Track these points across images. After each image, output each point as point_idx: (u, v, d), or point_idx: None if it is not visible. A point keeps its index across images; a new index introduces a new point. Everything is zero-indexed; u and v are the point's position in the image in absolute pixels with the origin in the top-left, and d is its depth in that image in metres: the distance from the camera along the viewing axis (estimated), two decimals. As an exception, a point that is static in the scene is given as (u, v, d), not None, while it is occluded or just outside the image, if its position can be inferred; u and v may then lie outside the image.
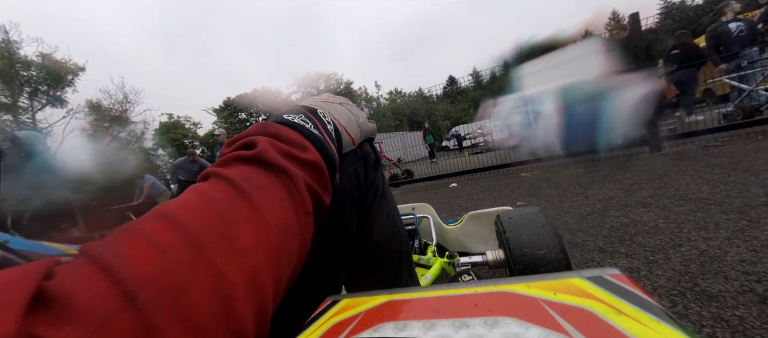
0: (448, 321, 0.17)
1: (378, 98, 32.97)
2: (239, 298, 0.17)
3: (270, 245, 0.21)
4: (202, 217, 0.19)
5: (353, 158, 0.37)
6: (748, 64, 3.00)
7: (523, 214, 0.60)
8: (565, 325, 0.15)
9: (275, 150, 0.25)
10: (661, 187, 1.54)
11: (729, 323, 0.59)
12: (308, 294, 0.34)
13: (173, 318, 0.15)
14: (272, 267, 0.21)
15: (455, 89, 23.21)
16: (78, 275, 0.14)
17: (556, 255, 0.51)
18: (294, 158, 0.25)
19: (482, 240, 0.99)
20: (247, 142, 0.26)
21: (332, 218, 0.34)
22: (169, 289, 0.15)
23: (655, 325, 0.14)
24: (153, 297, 0.14)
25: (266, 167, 0.24)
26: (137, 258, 0.15)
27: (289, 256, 0.23)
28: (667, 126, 2.83)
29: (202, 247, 0.17)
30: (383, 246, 0.42)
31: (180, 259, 0.16)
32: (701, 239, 0.93)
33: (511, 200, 2.00)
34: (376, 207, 0.40)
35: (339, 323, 0.21)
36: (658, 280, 0.78)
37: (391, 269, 0.43)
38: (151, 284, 0.15)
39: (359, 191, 0.38)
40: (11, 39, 13.16)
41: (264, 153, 0.24)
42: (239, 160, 0.24)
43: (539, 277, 0.20)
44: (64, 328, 0.12)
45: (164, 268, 0.16)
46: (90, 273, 0.14)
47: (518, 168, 3.25)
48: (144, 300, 0.14)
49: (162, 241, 0.17)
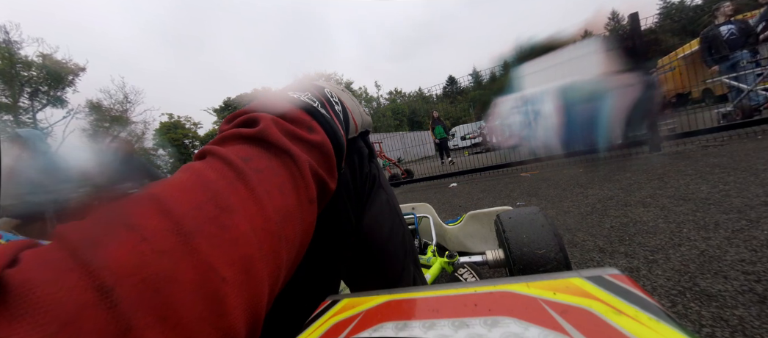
0: (448, 320, 0.17)
1: (378, 98, 32.98)
2: (229, 294, 0.15)
3: (267, 235, 0.19)
4: (193, 200, 0.17)
5: (352, 147, 0.36)
6: (747, 62, 3.02)
7: (523, 214, 0.60)
8: (564, 325, 0.15)
9: (279, 130, 0.22)
10: (660, 187, 1.54)
11: (728, 322, 0.59)
12: (308, 293, 0.33)
13: (153, 316, 0.13)
14: (268, 259, 0.18)
15: (455, 89, 23.20)
16: (45, 262, 0.12)
17: (556, 255, 0.51)
18: (299, 139, 0.23)
19: (482, 240, 1.00)
20: (248, 118, 0.23)
21: (330, 211, 0.32)
22: (149, 283, 0.13)
23: (655, 325, 0.14)
24: (130, 292, 0.13)
25: (268, 148, 0.22)
26: (115, 245, 0.13)
27: (289, 247, 0.21)
28: (666, 126, 2.83)
29: (189, 235, 0.15)
30: (385, 237, 0.40)
31: (163, 248, 0.14)
32: (701, 239, 0.93)
33: (511, 200, 2.00)
34: (373, 198, 0.39)
35: (339, 323, 0.21)
36: (657, 280, 0.78)
37: (397, 261, 0.41)
38: (129, 276, 0.13)
39: (355, 183, 0.37)
40: (12, 39, 13.16)
41: (266, 132, 0.22)
42: (239, 138, 0.22)
43: (539, 277, 0.20)
44: (18, 325, 0.10)
45: (145, 259, 0.14)
46: (59, 261, 0.12)
47: (518, 168, 3.26)
48: (120, 296, 0.12)
49: (144, 226, 0.15)
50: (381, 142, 5.42)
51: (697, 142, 2.60)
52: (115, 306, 0.12)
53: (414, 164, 5.76)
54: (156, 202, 0.16)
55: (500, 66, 4.21)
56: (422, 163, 5.59)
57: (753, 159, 1.70)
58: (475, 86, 5.67)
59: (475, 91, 7.61)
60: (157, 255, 0.14)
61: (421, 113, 5.95)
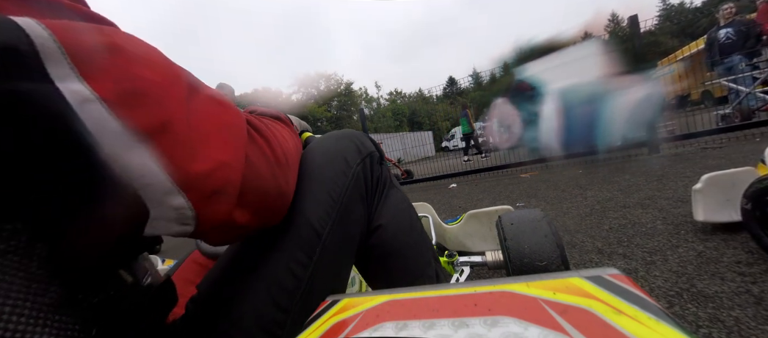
0: (448, 320, 0.17)
1: (378, 99, 32.97)
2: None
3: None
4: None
5: (357, 156, 0.40)
6: (746, 65, 3.03)
7: (526, 220, 0.58)
8: (564, 325, 0.15)
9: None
10: (659, 188, 1.54)
11: (725, 323, 0.60)
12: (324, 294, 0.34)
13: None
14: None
15: (455, 89, 23.24)
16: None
17: (557, 268, 0.50)
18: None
19: (481, 239, 1.00)
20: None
21: (343, 215, 0.35)
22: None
23: (654, 324, 0.14)
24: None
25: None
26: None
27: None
28: (665, 128, 2.84)
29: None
30: (407, 230, 0.41)
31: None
32: (698, 241, 0.93)
33: (511, 201, 2.00)
34: (389, 196, 0.42)
35: (339, 323, 0.21)
36: (655, 281, 0.78)
37: (421, 255, 0.42)
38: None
39: (367, 185, 0.39)
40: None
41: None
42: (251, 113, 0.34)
43: (538, 277, 0.20)
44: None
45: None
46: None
47: (517, 169, 3.26)
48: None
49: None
50: (381, 142, 5.42)
51: (696, 144, 2.61)
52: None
53: (414, 164, 5.76)
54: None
55: (500, 67, 4.21)
56: (422, 163, 5.60)
57: (751, 161, 1.70)
58: (475, 87, 5.67)
59: (475, 91, 7.60)
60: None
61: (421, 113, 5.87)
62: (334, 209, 0.35)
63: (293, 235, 0.32)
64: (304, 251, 0.32)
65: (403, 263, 0.40)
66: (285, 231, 0.32)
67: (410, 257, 0.41)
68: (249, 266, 0.31)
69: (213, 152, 0.21)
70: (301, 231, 0.32)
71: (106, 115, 0.16)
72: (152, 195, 0.19)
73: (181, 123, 0.20)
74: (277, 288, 0.30)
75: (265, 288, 0.29)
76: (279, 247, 0.31)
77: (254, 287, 0.29)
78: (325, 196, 0.35)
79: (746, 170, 0.94)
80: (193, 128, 0.20)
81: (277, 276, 0.30)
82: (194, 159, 0.20)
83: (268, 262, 0.31)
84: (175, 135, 0.19)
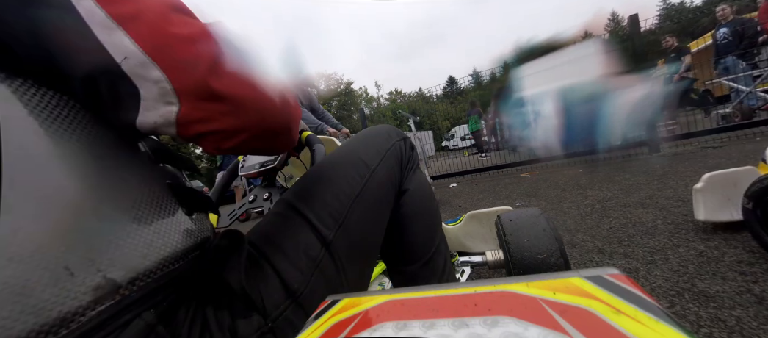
0: (448, 320, 0.17)
1: (378, 98, 32.99)
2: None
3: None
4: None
5: (387, 146, 0.52)
6: (745, 65, 3.03)
7: (524, 217, 0.59)
8: (564, 325, 0.15)
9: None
10: (659, 188, 1.54)
11: (726, 323, 0.60)
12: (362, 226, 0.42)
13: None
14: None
15: (455, 89, 23.23)
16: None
17: (556, 260, 0.51)
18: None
19: (482, 240, 1.00)
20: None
21: (389, 174, 0.48)
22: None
23: (654, 325, 0.14)
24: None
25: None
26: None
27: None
28: (665, 127, 2.84)
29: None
30: (427, 198, 0.53)
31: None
32: (699, 240, 0.93)
33: (511, 201, 2.00)
34: (416, 171, 0.55)
35: (339, 322, 0.21)
36: (656, 281, 0.78)
37: (435, 222, 0.54)
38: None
39: (402, 159, 0.52)
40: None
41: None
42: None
43: (538, 277, 0.20)
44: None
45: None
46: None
47: (518, 168, 3.26)
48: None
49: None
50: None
51: (696, 143, 2.61)
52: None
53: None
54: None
55: (500, 67, 4.21)
56: (422, 163, 5.59)
57: (751, 161, 1.70)
58: (475, 87, 5.66)
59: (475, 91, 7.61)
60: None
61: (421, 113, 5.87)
62: (380, 156, 0.48)
63: (348, 163, 0.44)
64: (358, 172, 0.44)
65: (422, 222, 0.51)
66: (341, 165, 0.44)
67: (428, 220, 0.53)
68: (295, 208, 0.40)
69: (179, 30, 0.25)
70: (354, 159, 0.45)
71: (93, 6, 0.23)
72: (133, 69, 0.24)
73: (150, 13, 0.25)
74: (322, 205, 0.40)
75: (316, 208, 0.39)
76: (329, 175, 0.43)
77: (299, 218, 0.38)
78: (374, 149, 0.48)
79: (747, 169, 0.93)
80: (160, 16, 0.25)
81: (326, 199, 0.40)
82: (163, 35, 0.25)
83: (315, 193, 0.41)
84: (146, 21, 0.24)
